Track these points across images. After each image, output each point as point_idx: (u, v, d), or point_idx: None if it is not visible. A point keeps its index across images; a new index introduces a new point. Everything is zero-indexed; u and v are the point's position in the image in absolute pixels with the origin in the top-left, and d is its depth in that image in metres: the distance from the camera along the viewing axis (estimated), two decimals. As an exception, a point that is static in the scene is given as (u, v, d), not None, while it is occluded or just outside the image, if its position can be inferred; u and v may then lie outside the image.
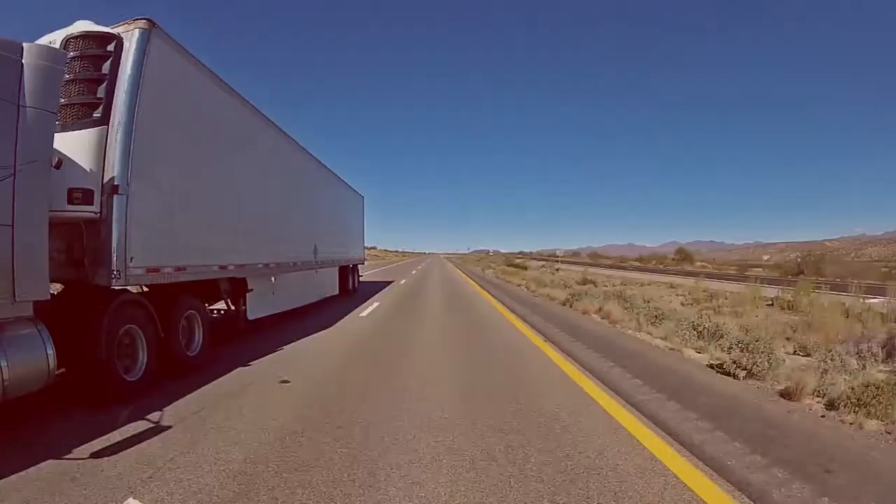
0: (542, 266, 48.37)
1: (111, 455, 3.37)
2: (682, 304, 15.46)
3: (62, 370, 4.10)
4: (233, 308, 7.85)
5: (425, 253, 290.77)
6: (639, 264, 60.91)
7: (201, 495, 2.86)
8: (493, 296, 17.37)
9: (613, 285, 21.33)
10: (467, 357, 7.00)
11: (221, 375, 5.59)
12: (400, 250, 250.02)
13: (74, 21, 5.22)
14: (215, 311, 8.04)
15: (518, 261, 64.31)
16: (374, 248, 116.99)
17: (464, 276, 34.30)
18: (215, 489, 2.94)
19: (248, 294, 7.84)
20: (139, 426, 3.89)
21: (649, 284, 24.49)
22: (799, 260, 40.05)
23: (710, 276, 35.35)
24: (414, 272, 37.31)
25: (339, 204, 15.81)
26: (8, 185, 3.46)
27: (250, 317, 7.94)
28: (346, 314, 11.47)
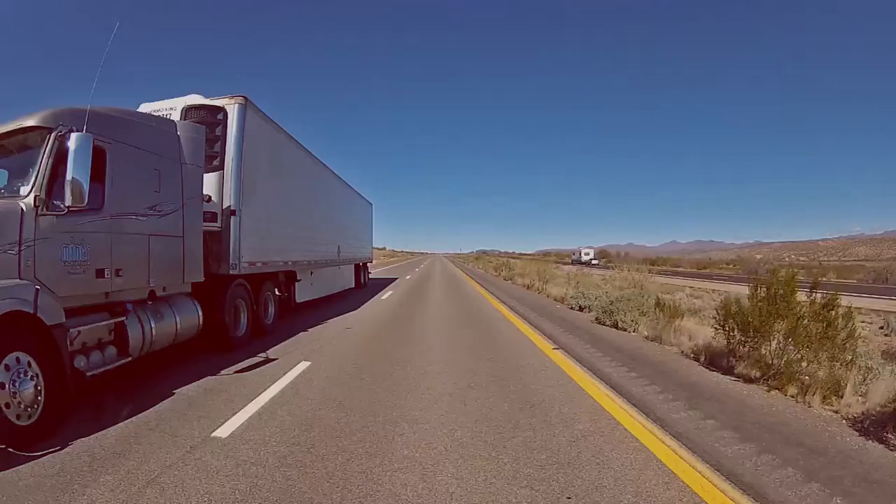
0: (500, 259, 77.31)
1: (246, 372, 5.22)
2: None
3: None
4: (285, 294, 9.68)
5: (427, 253, 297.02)
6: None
7: (312, 390, 4.71)
8: (456, 266, 52.04)
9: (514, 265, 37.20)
10: (445, 280, 19.78)
11: (293, 336, 7.48)
12: (407, 250, 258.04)
13: (187, 94, 7.07)
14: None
15: (486, 256, 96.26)
16: (383, 248, 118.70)
17: (450, 264, 60.57)
18: (319, 388, 4.79)
19: (296, 283, 9.69)
20: (255, 360, 5.73)
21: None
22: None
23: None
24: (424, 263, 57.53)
25: (354, 211, 17.55)
26: (179, 213, 5.26)
27: (298, 300, 9.80)
28: (371, 296, 13.37)
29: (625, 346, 7.04)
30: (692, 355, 6.25)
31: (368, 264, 21.50)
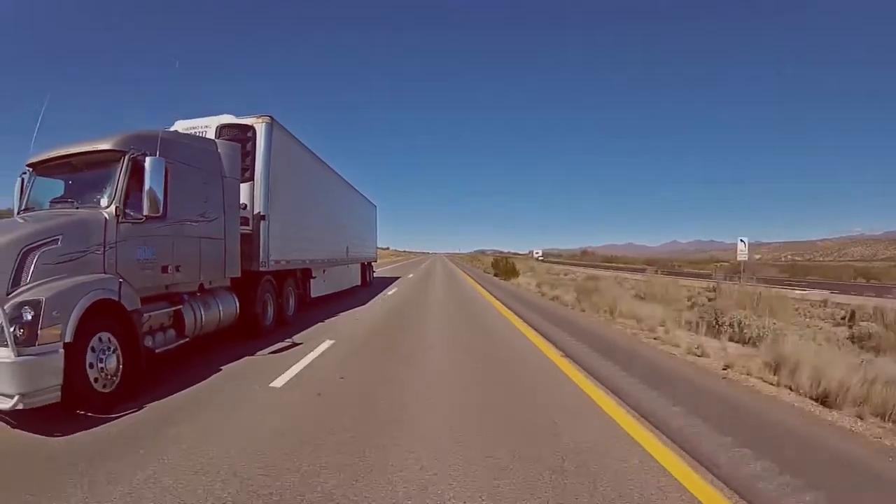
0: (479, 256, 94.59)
1: (278, 353, 6.05)
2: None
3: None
4: (301, 290, 10.51)
5: (428, 252, 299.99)
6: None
7: (335, 363, 5.53)
8: (451, 261, 75.03)
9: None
10: (442, 267, 44.74)
11: (311, 325, 8.31)
12: (408, 250, 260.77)
13: (220, 114, 7.86)
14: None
15: (479, 256, 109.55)
16: (386, 248, 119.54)
17: (448, 261, 74.66)
18: (341, 362, 5.61)
19: (311, 280, 10.53)
20: (284, 344, 6.56)
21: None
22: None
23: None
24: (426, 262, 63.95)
25: (360, 214, 18.32)
26: (221, 219, 6.08)
27: (312, 295, 10.64)
28: (377, 293, 14.22)
29: (483, 275, 32.12)
30: (494, 276, 29.70)
31: (373, 263, 22.34)
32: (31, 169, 5.50)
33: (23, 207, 5.35)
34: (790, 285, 19.64)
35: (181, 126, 7.62)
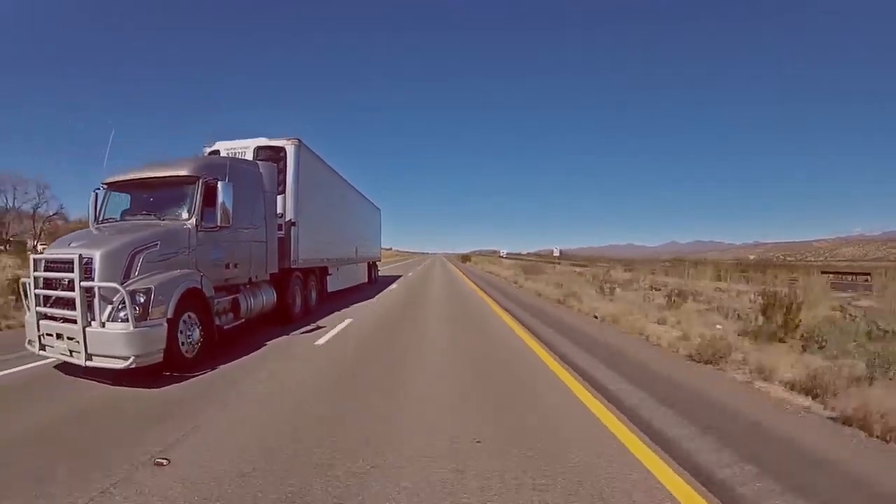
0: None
1: (307, 333, 7.64)
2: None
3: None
4: (320, 285, 12.06)
5: (428, 253, 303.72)
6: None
7: (356, 338, 7.13)
8: (447, 259, 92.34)
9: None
10: (439, 263, 63.93)
11: (330, 314, 9.91)
12: (409, 250, 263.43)
13: (256, 136, 9.41)
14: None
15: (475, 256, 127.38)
16: (389, 248, 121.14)
17: (446, 260, 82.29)
18: (359, 338, 7.22)
19: (328, 276, 12.12)
20: (311, 327, 8.15)
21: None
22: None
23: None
24: (426, 262, 70.60)
25: (367, 217, 19.79)
26: (264, 226, 7.66)
27: (329, 290, 12.23)
28: (382, 289, 15.86)
29: (456, 262, 69.54)
30: (462, 262, 69.94)
31: (377, 262, 23.92)
32: (105, 186, 6.88)
33: (100, 219, 6.71)
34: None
35: (222, 147, 9.18)
